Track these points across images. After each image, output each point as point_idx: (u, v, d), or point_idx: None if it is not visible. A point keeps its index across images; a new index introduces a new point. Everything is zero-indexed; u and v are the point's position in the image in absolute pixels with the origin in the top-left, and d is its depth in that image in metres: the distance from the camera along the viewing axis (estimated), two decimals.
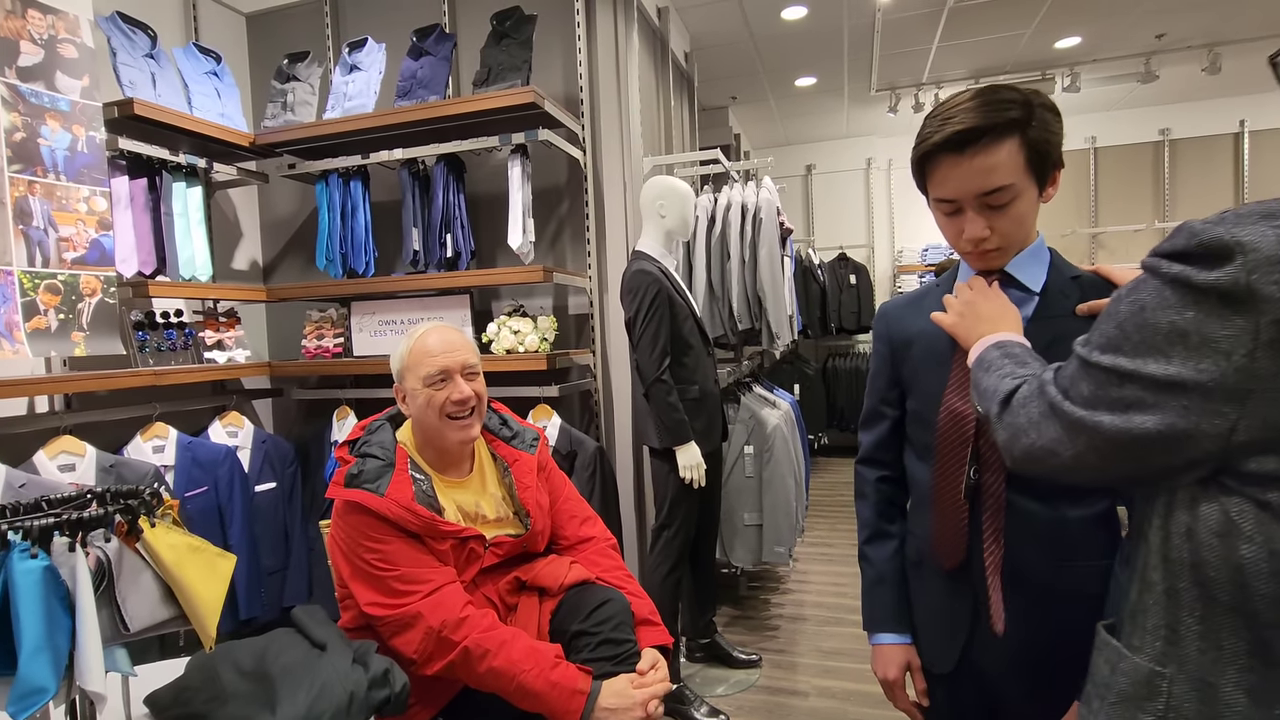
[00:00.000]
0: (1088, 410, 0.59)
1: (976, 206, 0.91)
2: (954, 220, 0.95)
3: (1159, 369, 0.52)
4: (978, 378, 0.82)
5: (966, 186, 0.90)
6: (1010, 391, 0.72)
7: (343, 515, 1.29)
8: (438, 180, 2.51)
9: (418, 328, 1.39)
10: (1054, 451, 0.63)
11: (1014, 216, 0.92)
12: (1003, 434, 0.71)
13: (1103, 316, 0.61)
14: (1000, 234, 0.92)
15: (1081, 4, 4.09)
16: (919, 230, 6.61)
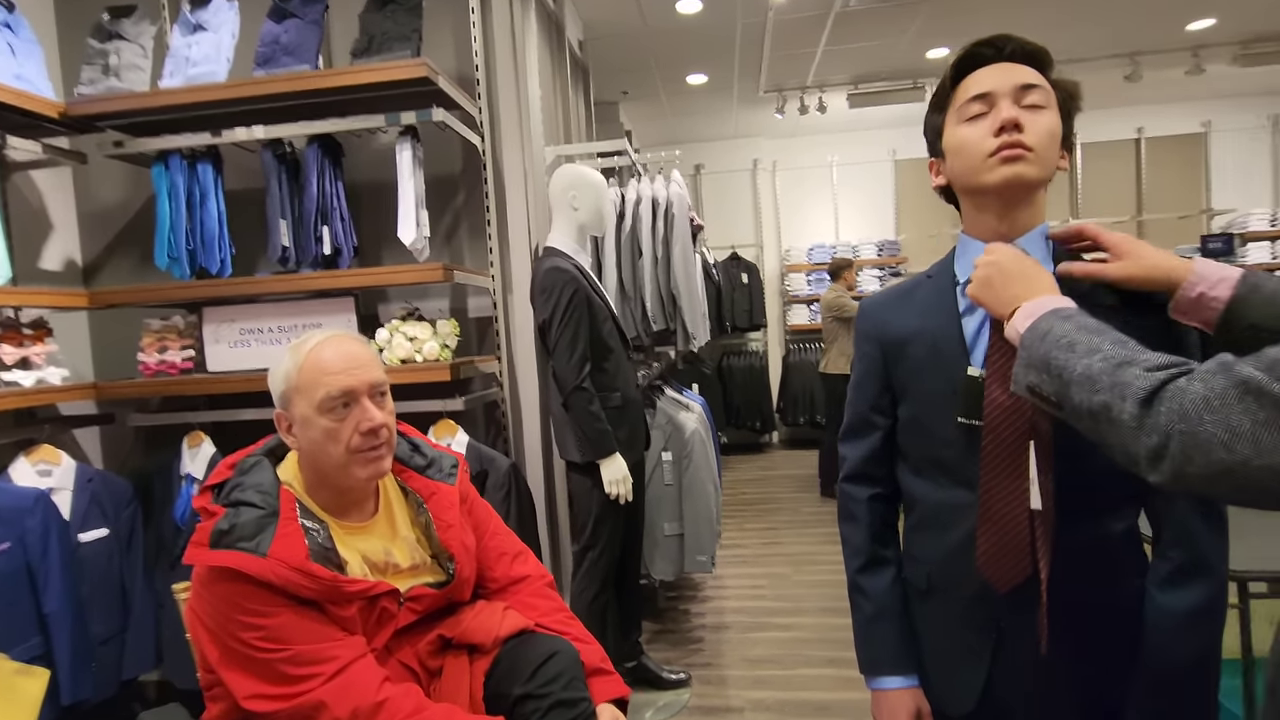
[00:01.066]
0: None
1: (1012, 98, 0.85)
2: (981, 123, 0.86)
3: None
4: (1049, 356, 0.68)
5: (1005, 79, 0.86)
6: (1156, 387, 0.58)
7: (209, 585, 0.99)
8: (311, 165, 2.16)
9: (306, 339, 1.10)
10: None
11: (1045, 127, 0.84)
12: (1154, 438, 0.57)
13: None
14: (1032, 133, 0.83)
15: (951, 17, 4.33)
16: (804, 231, 6.81)
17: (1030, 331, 0.72)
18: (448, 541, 1.20)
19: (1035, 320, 0.73)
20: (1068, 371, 0.65)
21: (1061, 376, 0.66)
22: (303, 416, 1.06)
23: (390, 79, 2.00)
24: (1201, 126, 6.31)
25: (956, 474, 0.91)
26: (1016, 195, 0.87)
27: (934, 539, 0.95)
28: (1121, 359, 0.62)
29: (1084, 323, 0.69)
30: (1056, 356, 0.67)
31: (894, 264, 6.34)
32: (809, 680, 2.42)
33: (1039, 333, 0.71)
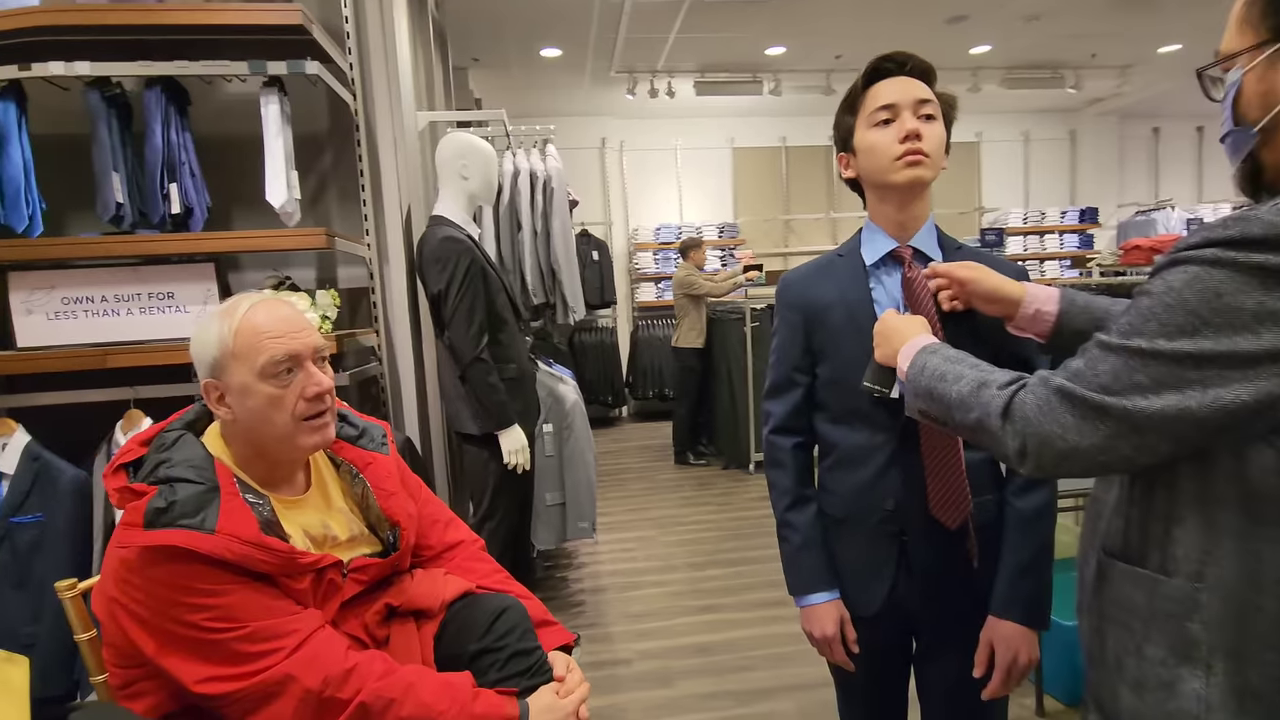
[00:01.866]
0: (1156, 398, 0.62)
1: (912, 110, 1.03)
2: (889, 128, 1.04)
3: (1251, 344, 0.58)
4: (929, 387, 0.83)
5: (906, 93, 1.03)
6: (1007, 402, 0.72)
7: (141, 569, 0.90)
8: (153, 112, 1.90)
9: (235, 303, 1.02)
10: (1106, 450, 0.65)
11: (937, 134, 1.04)
12: (1015, 441, 0.71)
13: (1146, 311, 0.63)
14: (928, 141, 1.02)
15: (787, 19, 4.73)
16: (651, 210, 7.07)
17: (910, 368, 0.88)
18: (391, 510, 1.18)
19: (912, 358, 0.89)
20: (945, 399, 0.81)
21: (942, 403, 0.82)
22: (241, 384, 0.99)
23: (257, 22, 1.82)
24: (975, 137, 7.45)
25: (869, 421, 1.09)
26: (915, 192, 1.07)
27: (849, 475, 1.13)
28: (979, 381, 0.78)
29: (947, 354, 0.85)
30: (935, 387, 0.83)
31: (733, 245, 6.81)
32: (688, 627, 2.64)
33: (916, 368, 0.87)
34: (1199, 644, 0.66)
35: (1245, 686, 0.64)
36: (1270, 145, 0.68)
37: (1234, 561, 0.64)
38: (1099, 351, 0.67)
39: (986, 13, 4.81)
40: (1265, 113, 0.67)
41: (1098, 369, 0.66)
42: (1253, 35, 0.67)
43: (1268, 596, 0.63)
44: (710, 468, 4.95)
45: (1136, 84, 6.38)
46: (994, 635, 1.05)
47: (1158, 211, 6.46)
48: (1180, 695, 0.68)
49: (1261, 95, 0.67)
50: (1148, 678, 0.71)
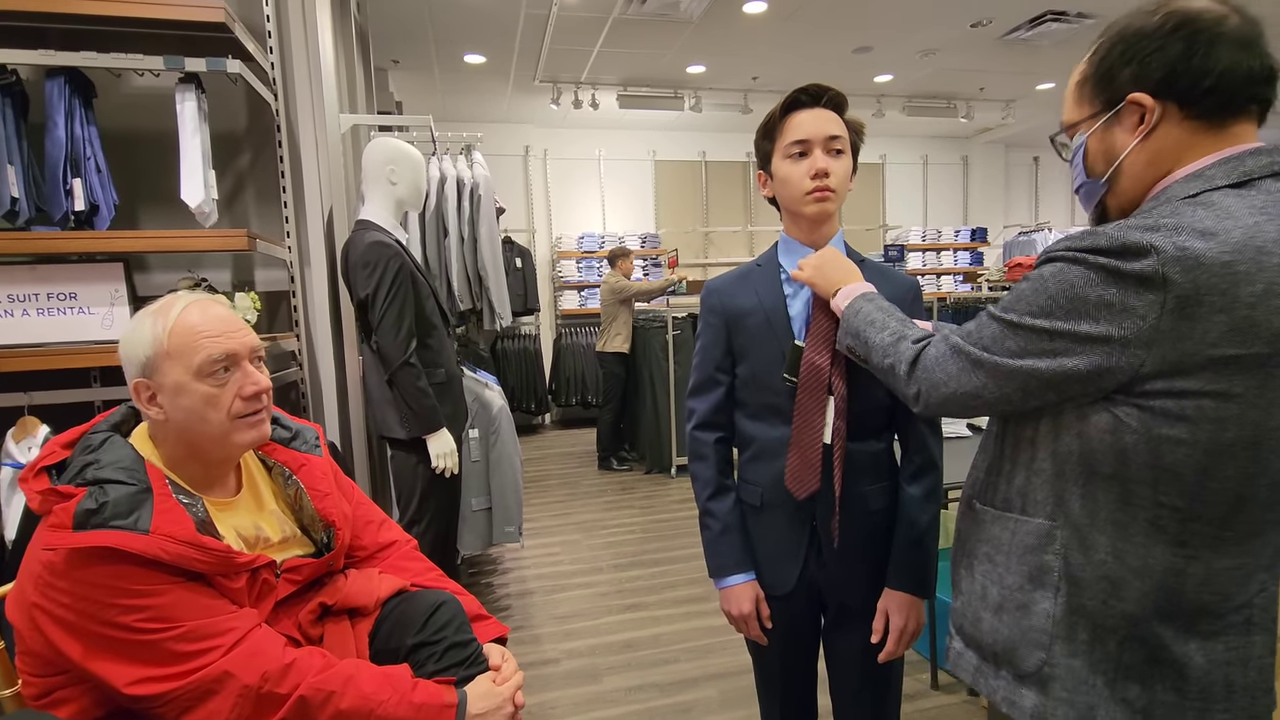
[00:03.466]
0: (1018, 360, 0.77)
1: (823, 147, 1.15)
2: (802, 162, 1.15)
3: (1090, 328, 0.72)
4: (860, 329, 0.99)
5: (819, 129, 1.15)
6: (916, 355, 0.89)
7: (67, 573, 0.89)
8: (55, 103, 1.80)
9: (168, 303, 1.02)
10: (977, 394, 0.82)
11: (844, 168, 1.17)
12: (914, 387, 0.89)
13: (1021, 293, 0.78)
14: (835, 177, 1.15)
15: (707, 40, 4.93)
16: (575, 219, 7.13)
17: (848, 307, 1.03)
18: (326, 510, 1.19)
19: (852, 299, 1.04)
20: (870, 341, 0.97)
21: (866, 344, 0.97)
22: (176, 384, 0.99)
23: (178, 18, 1.78)
24: (880, 158, 7.95)
25: (784, 416, 1.21)
26: (823, 220, 1.20)
27: (766, 466, 1.24)
28: (899, 334, 0.94)
29: (881, 304, 1.01)
30: (863, 329, 0.98)
31: (655, 255, 6.96)
32: (613, 625, 2.70)
33: (854, 309, 1.02)
34: (1051, 570, 0.81)
35: (1081, 606, 0.79)
36: (1112, 192, 0.83)
37: (1078, 504, 0.79)
38: (985, 319, 0.83)
39: (888, 45, 5.19)
40: (1108, 166, 0.82)
41: (983, 333, 0.82)
42: (1088, 107, 0.82)
43: (1099, 533, 0.78)
44: (633, 473, 5.05)
45: (1019, 116, 7.01)
46: (888, 605, 1.18)
47: (1037, 233, 7.11)
48: (1034, 614, 0.82)
49: (1103, 153, 0.82)
50: (1007, 601, 0.84)
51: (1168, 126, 0.76)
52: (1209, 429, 0.70)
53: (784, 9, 4.46)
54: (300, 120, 2.27)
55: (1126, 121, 0.78)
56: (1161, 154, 0.77)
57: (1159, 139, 0.77)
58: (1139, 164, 0.79)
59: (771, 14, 4.52)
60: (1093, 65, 0.81)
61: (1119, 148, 0.80)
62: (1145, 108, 0.76)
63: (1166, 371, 0.70)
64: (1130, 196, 0.81)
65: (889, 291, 1.21)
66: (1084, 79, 0.83)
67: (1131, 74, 0.76)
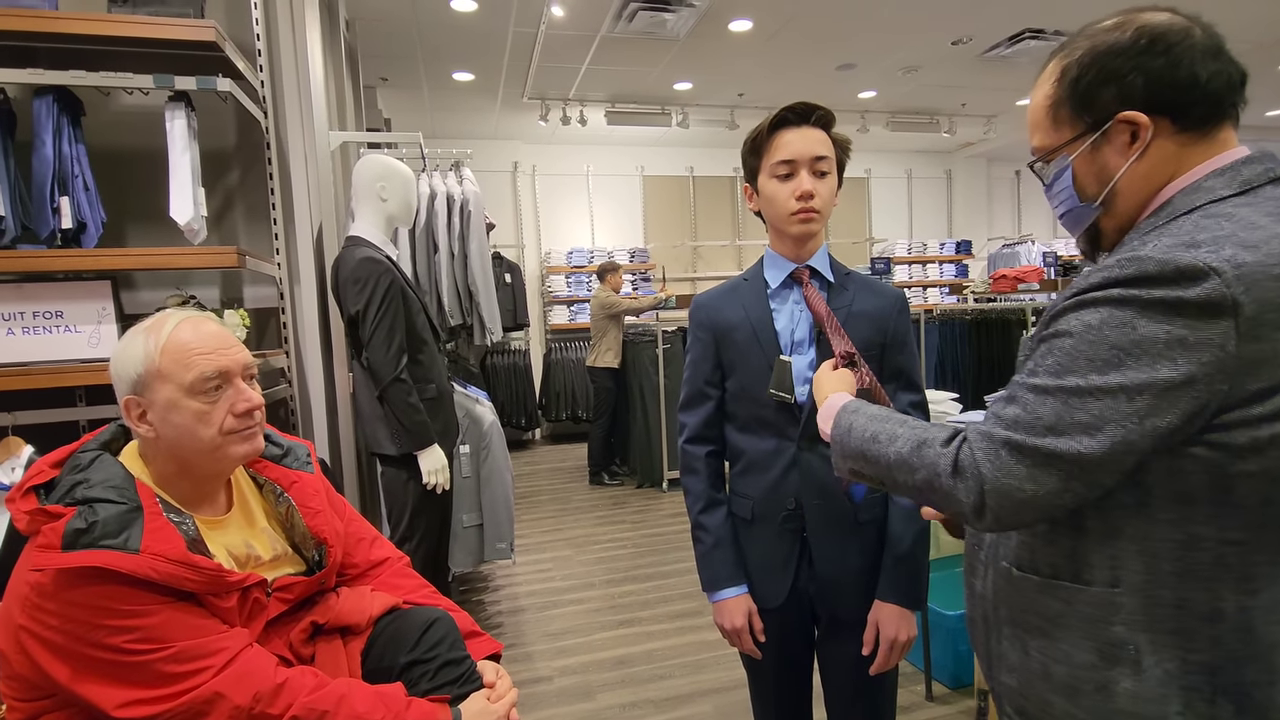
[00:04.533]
0: (1098, 435, 0.65)
1: (809, 168, 1.16)
2: (788, 183, 1.16)
3: (1170, 372, 0.63)
4: (861, 449, 0.84)
5: (805, 149, 1.15)
6: (954, 461, 0.73)
7: (55, 594, 0.88)
8: (44, 122, 1.80)
9: (159, 320, 1.01)
10: (1061, 492, 0.67)
11: (829, 188, 1.18)
12: (970, 497, 0.71)
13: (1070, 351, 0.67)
14: (821, 198, 1.16)
15: (693, 58, 4.99)
16: (563, 234, 7.16)
17: (835, 429, 0.90)
18: (318, 527, 1.18)
19: (834, 419, 0.91)
20: (882, 460, 0.81)
21: (879, 464, 0.82)
22: (168, 400, 0.98)
23: (169, 37, 1.78)
24: (865, 173, 8.06)
25: (773, 429, 1.22)
26: (808, 238, 1.21)
27: (756, 479, 1.24)
28: (917, 440, 0.78)
29: (870, 412, 0.88)
30: (867, 450, 0.84)
31: (644, 269, 6.99)
32: (607, 642, 2.69)
33: (841, 429, 0.89)
34: (1125, 643, 0.71)
35: (1165, 674, 0.70)
36: (1109, 214, 0.79)
37: (1137, 563, 0.71)
38: (1034, 396, 0.70)
39: (871, 62, 5.28)
40: (1102, 188, 0.77)
41: (1038, 413, 0.68)
42: (1069, 130, 0.78)
43: (1163, 588, 0.70)
44: (624, 487, 5.03)
45: (1000, 131, 7.14)
46: (878, 616, 1.19)
47: (1020, 245, 7.22)
48: (1117, 695, 0.72)
49: (1094, 175, 0.78)
50: (1081, 682, 0.74)
51: (1160, 141, 0.74)
52: (1276, 455, 0.64)
53: (769, 27, 4.53)
54: (290, 138, 2.28)
55: (1116, 141, 0.76)
56: (1156, 169, 0.75)
57: (1153, 154, 0.74)
58: (1136, 182, 0.76)
59: (756, 32, 4.60)
60: (1065, 87, 0.77)
61: (1112, 168, 0.76)
62: (1139, 125, 0.74)
63: (1242, 401, 0.64)
64: (1129, 215, 0.78)
65: (876, 304, 1.23)
66: (1056, 102, 0.79)
67: (1115, 92, 0.74)
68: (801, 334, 1.21)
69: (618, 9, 4.14)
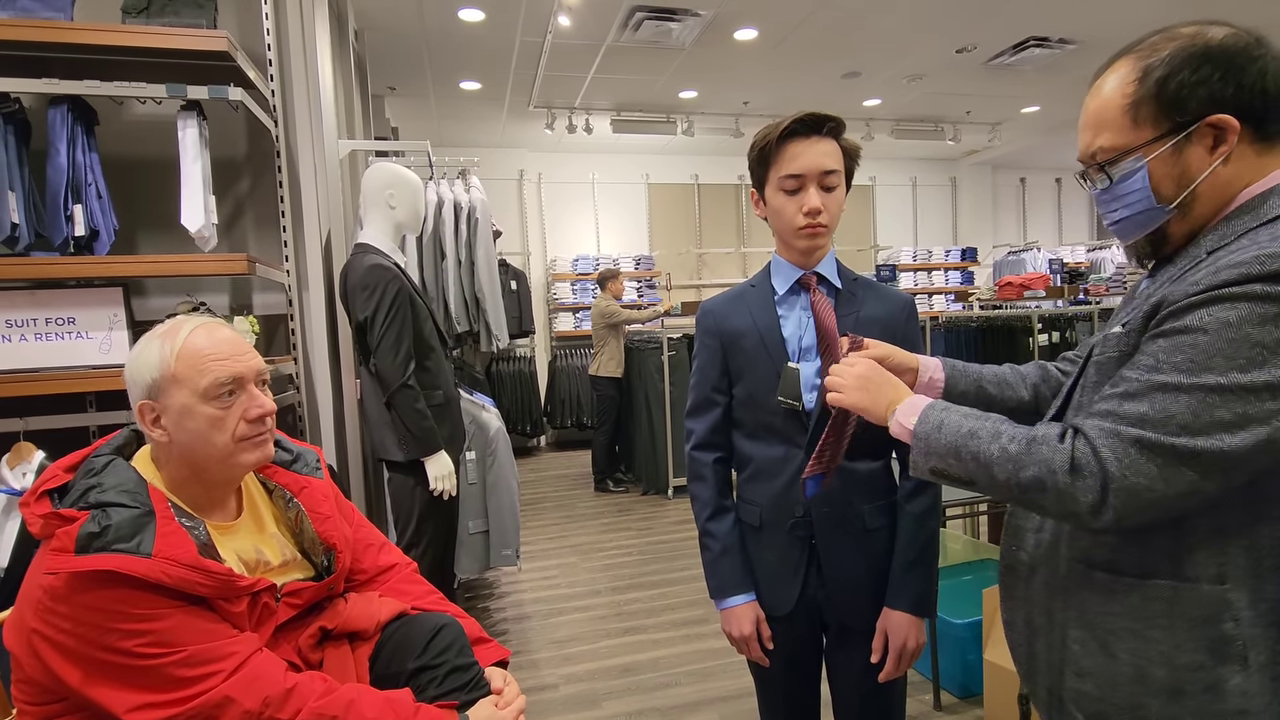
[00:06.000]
0: (1241, 433, 0.65)
1: (817, 183, 1.14)
2: (795, 198, 1.15)
3: None
4: (958, 445, 0.80)
5: (814, 162, 1.13)
6: (1070, 458, 0.71)
7: (68, 597, 0.88)
8: (58, 131, 1.82)
9: (173, 326, 1.02)
10: (1191, 493, 0.67)
11: (837, 202, 1.17)
12: (1091, 496, 0.70)
13: (1207, 348, 0.66)
14: (828, 213, 1.15)
15: (699, 66, 5.02)
16: (569, 242, 7.18)
17: (921, 424, 0.85)
18: (327, 533, 1.19)
19: (920, 414, 0.86)
20: (983, 456, 0.77)
21: (977, 460, 0.78)
22: (182, 406, 0.99)
23: (182, 48, 1.81)
24: (870, 180, 8.06)
25: (781, 435, 1.22)
26: (814, 250, 1.21)
27: (764, 486, 1.24)
28: (1027, 436, 0.76)
29: (964, 410, 0.83)
30: (965, 446, 0.79)
31: (649, 277, 7.01)
32: (612, 649, 2.68)
33: (930, 424, 0.84)
34: (1235, 640, 0.71)
35: (1265, 667, 0.71)
36: (1184, 217, 0.78)
37: (1244, 559, 0.71)
38: (1164, 395, 0.68)
39: (876, 71, 5.29)
40: (1180, 191, 0.77)
41: (1170, 411, 0.67)
42: (1150, 130, 0.77)
43: (1267, 582, 0.71)
44: (629, 494, 5.03)
45: (1005, 138, 7.14)
46: (887, 624, 1.18)
47: (1026, 252, 7.21)
48: (1227, 694, 0.71)
49: (1174, 178, 0.77)
50: (1187, 684, 0.72)
51: (1242, 148, 0.75)
52: None
53: (774, 36, 4.55)
54: (299, 146, 2.30)
55: (1199, 144, 0.75)
56: (1237, 174, 0.75)
57: (1235, 160, 0.75)
58: (1216, 186, 0.76)
59: (762, 41, 4.62)
60: (1150, 86, 0.76)
61: (1194, 171, 0.76)
62: (1227, 128, 0.74)
63: None
64: (1205, 219, 0.78)
65: (885, 310, 1.23)
66: (1137, 101, 0.77)
67: (1206, 95, 0.74)
68: (809, 340, 1.21)
69: (623, 18, 4.17)
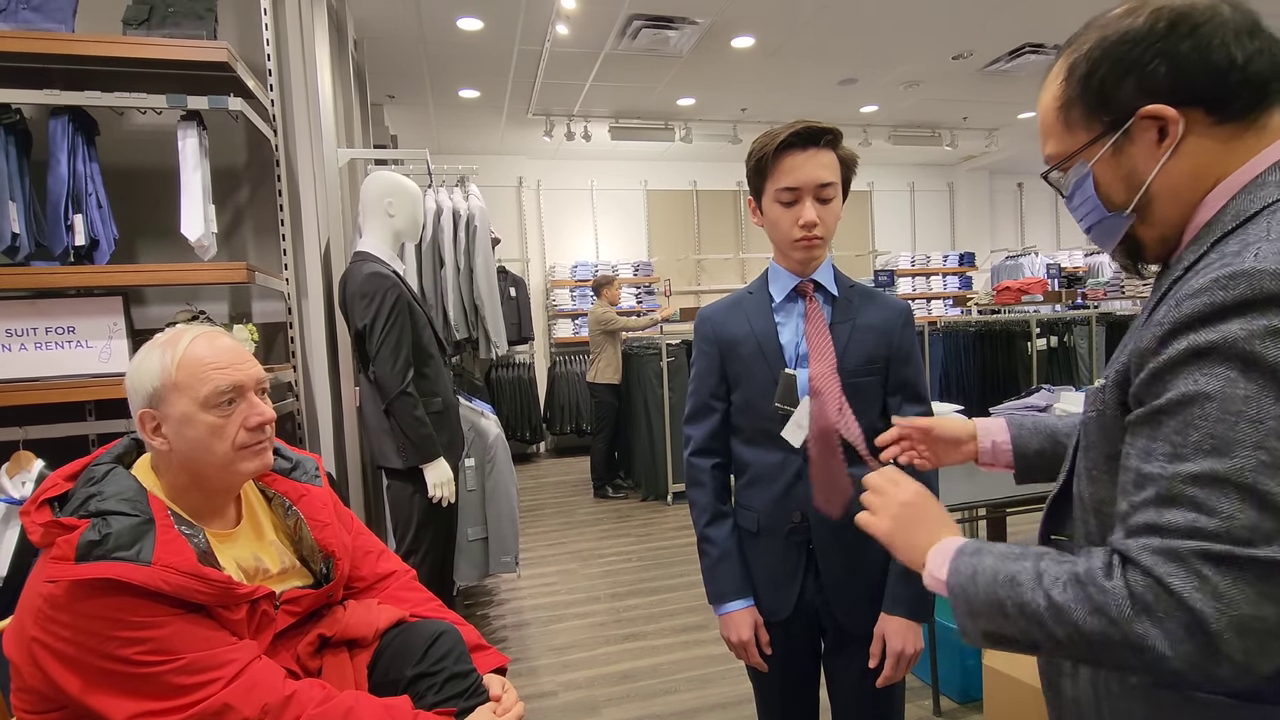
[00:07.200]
0: None
1: (814, 195, 1.14)
2: (791, 210, 1.16)
3: None
4: (998, 597, 0.64)
5: (810, 176, 1.13)
6: (1128, 595, 0.56)
7: (68, 605, 0.89)
8: (59, 141, 1.84)
9: (174, 335, 1.03)
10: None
11: (833, 213, 1.18)
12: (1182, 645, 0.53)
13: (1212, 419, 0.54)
14: (824, 225, 1.16)
15: (696, 74, 5.04)
16: (568, 248, 7.20)
17: (955, 579, 0.69)
18: (326, 541, 1.19)
19: (952, 566, 0.71)
20: (1031, 608, 0.62)
21: (1027, 614, 0.62)
22: (182, 414, 1.00)
23: (182, 58, 1.82)
24: (868, 186, 8.09)
25: (779, 441, 1.22)
26: (810, 261, 1.22)
27: (762, 491, 1.25)
28: (1070, 577, 0.60)
29: (1000, 549, 0.68)
30: (1010, 596, 0.64)
31: (648, 283, 7.02)
32: (611, 656, 2.67)
33: (964, 575, 0.69)
34: None
35: None
36: (1146, 222, 0.69)
37: None
38: (1204, 489, 0.54)
39: (872, 77, 5.32)
40: (1132, 195, 0.68)
41: (1223, 509, 0.53)
42: (1084, 133, 0.69)
43: None
44: (629, 500, 5.03)
45: (1002, 144, 7.17)
46: (885, 629, 1.18)
47: (1024, 257, 7.23)
48: None
49: (1121, 180, 0.68)
50: None
51: (1195, 136, 0.64)
52: None
53: (771, 43, 4.58)
54: (299, 155, 2.31)
55: (1142, 140, 0.66)
56: (1200, 168, 0.65)
57: (1190, 151, 0.65)
58: (1177, 183, 0.66)
59: (759, 48, 4.64)
60: (1075, 85, 0.68)
61: (1142, 171, 0.67)
62: (1166, 119, 0.64)
63: None
64: (1174, 221, 0.67)
65: (881, 317, 1.24)
66: (1066, 103, 0.70)
67: (1134, 85, 0.65)
68: (806, 347, 1.22)
69: (621, 27, 4.19)
